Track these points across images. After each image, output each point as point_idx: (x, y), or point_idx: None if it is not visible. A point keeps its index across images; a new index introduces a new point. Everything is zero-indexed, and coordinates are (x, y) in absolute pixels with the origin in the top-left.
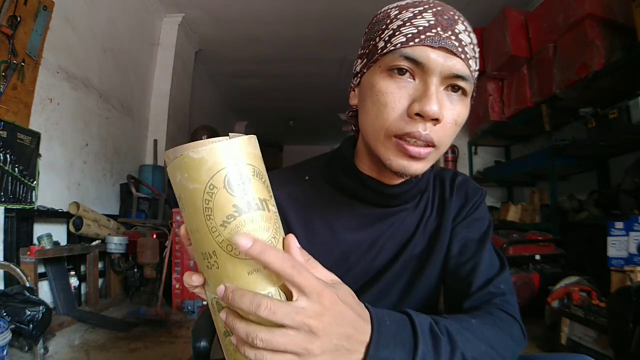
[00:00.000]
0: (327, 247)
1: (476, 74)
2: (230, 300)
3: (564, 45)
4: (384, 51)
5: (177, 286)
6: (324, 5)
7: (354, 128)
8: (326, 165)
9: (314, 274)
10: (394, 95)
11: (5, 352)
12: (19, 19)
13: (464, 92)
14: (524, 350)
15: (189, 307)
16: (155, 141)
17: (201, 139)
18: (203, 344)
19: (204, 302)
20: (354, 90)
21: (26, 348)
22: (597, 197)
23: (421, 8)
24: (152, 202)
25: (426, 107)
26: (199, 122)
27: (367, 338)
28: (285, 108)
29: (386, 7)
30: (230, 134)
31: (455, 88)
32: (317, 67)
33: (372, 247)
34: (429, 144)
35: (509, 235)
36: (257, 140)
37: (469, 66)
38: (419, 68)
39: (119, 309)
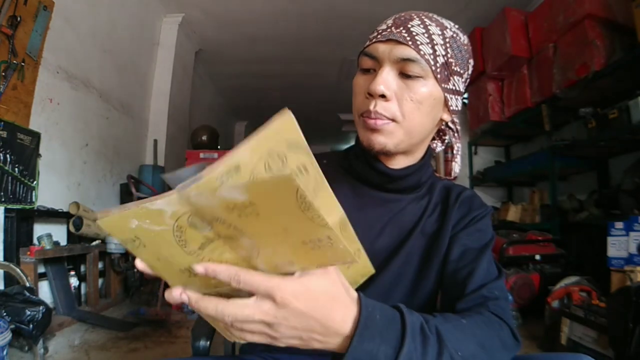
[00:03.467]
0: None
1: (441, 59)
2: (196, 309)
3: (564, 45)
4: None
5: None
6: (324, 5)
7: None
8: (343, 153)
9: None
10: (361, 85)
11: (5, 352)
12: (19, 19)
13: (420, 75)
14: (523, 350)
15: (189, 307)
16: (155, 141)
17: (201, 140)
18: (202, 343)
19: None
20: None
21: (26, 348)
22: (597, 197)
23: (390, 17)
24: None
25: (371, 87)
26: (199, 122)
27: (345, 330)
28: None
29: None
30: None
31: (408, 75)
32: (317, 67)
33: (371, 228)
34: (386, 117)
35: (509, 235)
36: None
37: (419, 50)
38: (375, 61)
39: (119, 309)
